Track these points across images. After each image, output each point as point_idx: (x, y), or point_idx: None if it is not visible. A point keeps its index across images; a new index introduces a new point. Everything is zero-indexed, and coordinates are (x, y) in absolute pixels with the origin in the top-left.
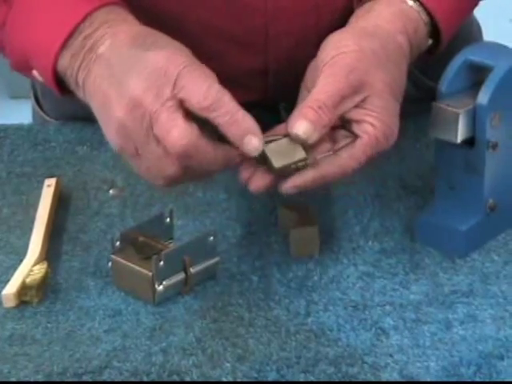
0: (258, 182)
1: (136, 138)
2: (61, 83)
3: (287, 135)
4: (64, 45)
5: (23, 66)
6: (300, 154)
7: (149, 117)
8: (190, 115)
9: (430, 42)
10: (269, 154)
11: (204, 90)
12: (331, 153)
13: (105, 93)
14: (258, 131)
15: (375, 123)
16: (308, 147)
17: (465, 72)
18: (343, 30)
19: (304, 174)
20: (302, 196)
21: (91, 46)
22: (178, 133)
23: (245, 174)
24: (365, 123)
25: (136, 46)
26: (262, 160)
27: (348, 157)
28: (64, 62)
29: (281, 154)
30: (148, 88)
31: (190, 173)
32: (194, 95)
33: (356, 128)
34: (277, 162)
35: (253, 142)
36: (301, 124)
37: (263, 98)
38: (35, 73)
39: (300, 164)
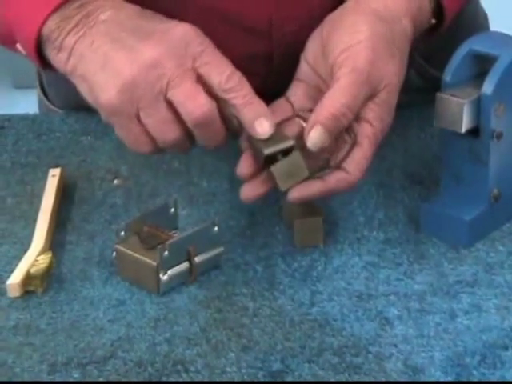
0: (251, 192)
1: (143, 99)
2: (41, 55)
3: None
4: (57, 8)
5: (6, 39)
6: (304, 172)
7: (166, 80)
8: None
9: (434, 21)
10: (275, 175)
11: (228, 73)
12: (333, 168)
13: (108, 54)
14: (271, 117)
15: (374, 123)
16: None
17: (469, 62)
18: (356, 10)
19: (311, 185)
20: None
21: (89, 13)
22: (201, 100)
23: (244, 170)
24: (364, 122)
25: (146, 19)
26: (264, 164)
27: (354, 171)
28: (52, 25)
29: (286, 175)
30: (168, 55)
31: (187, 141)
32: (217, 75)
33: (355, 127)
34: (283, 185)
35: (264, 125)
36: (317, 133)
37: (265, 85)
38: (19, 46)
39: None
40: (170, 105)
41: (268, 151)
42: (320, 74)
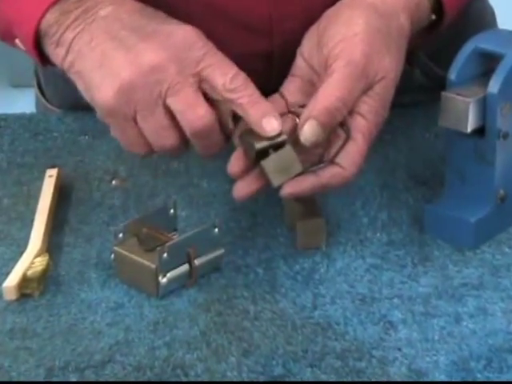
0: (243, 189)
1: (141, 103)
2: (40, 51)
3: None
4: (56, 2)
5: (6, 34)
6: (297, 167)
7: (167, 86)
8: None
9: (434, 17)
10: (267, 170)
11: (232, 74)
12: (326, 162)
13: (106, 53)
14: (277, 115)
15: (368, 116)
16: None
17: (475, 60)
18: (352, 4)
19: (305, 180)
20: None
21: (88, 8)
22: (201, 111)
23: (235, 167)
24: (357, 116)
25: (147, 17)
26: (256, 159)
27: (348, 166)
28: (50, 19)
29: (278, 170)
30: (169, 60)
31: (183, 147)
32: (221, 76)
33: (349, 120)
34: (276, 180)
35: (272, 122)
36: (311, 127)
37: (265, 83)
38: (18, 41)
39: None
40: (168, 111)
41: (259, 145)
42: (314, 67)
